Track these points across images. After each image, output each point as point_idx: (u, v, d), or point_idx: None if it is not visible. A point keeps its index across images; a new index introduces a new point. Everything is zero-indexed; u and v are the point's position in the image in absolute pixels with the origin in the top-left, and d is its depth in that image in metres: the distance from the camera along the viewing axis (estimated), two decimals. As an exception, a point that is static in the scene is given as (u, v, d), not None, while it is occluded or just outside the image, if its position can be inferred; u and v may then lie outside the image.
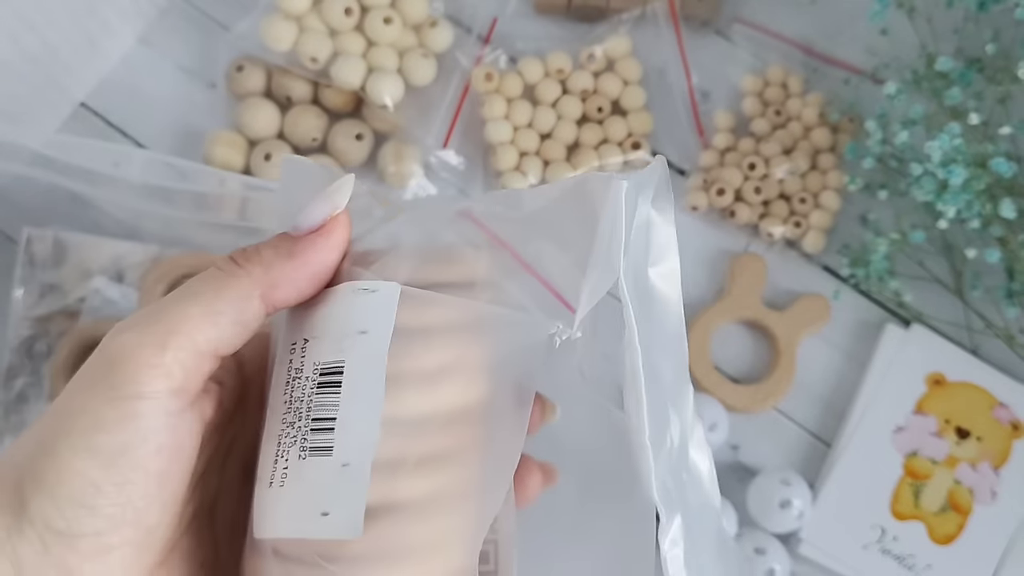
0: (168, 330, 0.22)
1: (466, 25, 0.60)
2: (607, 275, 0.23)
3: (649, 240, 0.24)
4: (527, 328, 0.23)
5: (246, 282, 0.23)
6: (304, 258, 0.24)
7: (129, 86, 0.59)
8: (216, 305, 0.23)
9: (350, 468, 0.22)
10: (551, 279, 0.24)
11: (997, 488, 0.53)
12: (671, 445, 0.24)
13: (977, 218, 0.51)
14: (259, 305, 0.23)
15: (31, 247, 0.53)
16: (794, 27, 0.61)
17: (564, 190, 0.23)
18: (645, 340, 0.24)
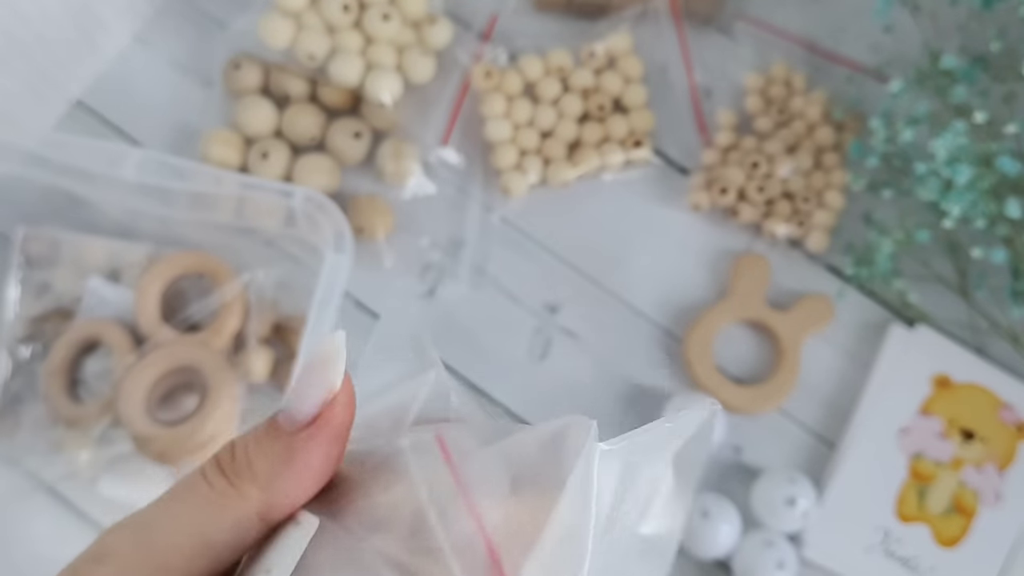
0: (158, 566, 0.19)
1: (466, 22, 0.60)
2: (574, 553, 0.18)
3: (650, 498, 0.21)
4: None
5: (243, 507, 0.20)
6: (304, 462, 0.20)
7: (125, 84, 0.59)
8: (211, 537, 0.19)
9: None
10: (494, 534, 0.19)
11: (1002, 490, 0.53)
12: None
13: (982, 217, 0.50)
14: (260, 527, 0.20)
15: (27, 246, 0.53)
16: (797, 24, 0.60)
17: (541, 437, 0.20)
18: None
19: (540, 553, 0.18)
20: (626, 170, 0.58)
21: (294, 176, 0.55)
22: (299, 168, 0.55)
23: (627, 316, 0.56)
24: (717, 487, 0.53)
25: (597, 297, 0.56)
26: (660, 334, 0.56)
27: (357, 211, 0.55)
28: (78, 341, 0.51)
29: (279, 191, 0.50)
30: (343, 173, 0.57)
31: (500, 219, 0.57)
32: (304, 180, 0.55)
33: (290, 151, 0.56)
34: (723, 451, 0.54)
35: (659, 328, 0.56)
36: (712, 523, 0.50)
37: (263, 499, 0.20)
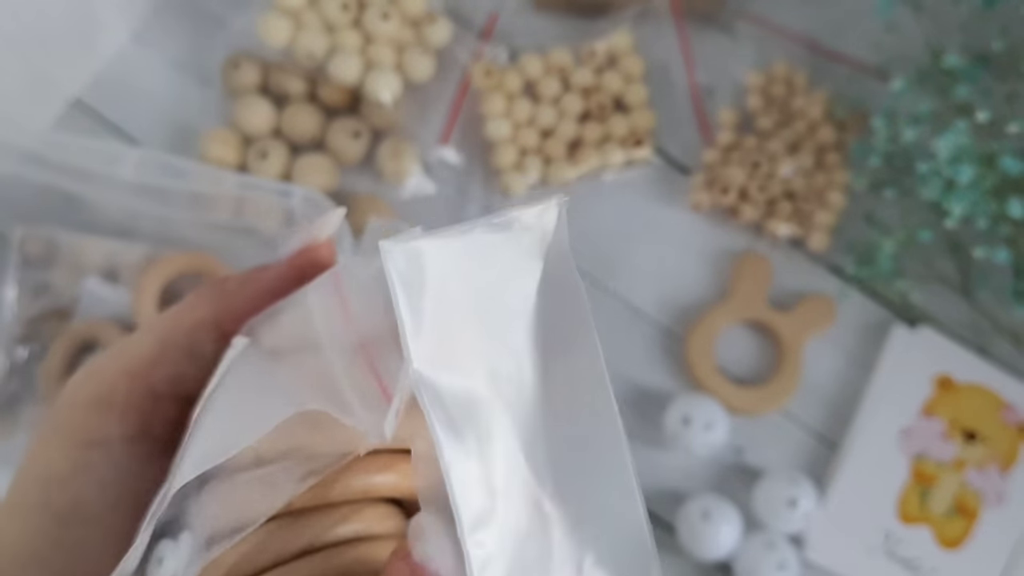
0: (123, 371, 0.21)
1: (466, 20, 0.60)
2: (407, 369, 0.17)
3: (522, 314, 0.19)
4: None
5: (201, 310, 0.22)
6: (266, 287, 0.22)
7: (124, 83, 0.58)
8: (171, 339, 0.21)
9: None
10: (381, 369, 0.19)
11: (1005, 491, 0.53)
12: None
13: (984, 217, 0.50)
14: (215, 336, 0.22)
15: (24, 246, 0.53)
16: (799, 23, 0.60)
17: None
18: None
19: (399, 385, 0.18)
20: (627, 170, 0.58)
21: (293, 176, 0.55)
22: (298, 168, 0.55)
23: (627, 316, 0.56)
24: (718, 488, 0.53)
25: (597, 297, 0.56)
26: (661, 334, 0.56)
27: (356, 211, 0.55)
28: (76, 341, 0.51)
29: (278, 191, 0.49)
30: (342, 173, 0.56)
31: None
32: (303, 180, 0.55)
33: (289, 150, 0.56)
34: (724, 452, 0.54)
35: (660, 328, 0.56)
36: (713, 524, 0.50)
37: (221, 305, 0.22)
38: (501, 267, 0.18)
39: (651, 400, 0.54)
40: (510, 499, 0.18)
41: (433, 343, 0.17)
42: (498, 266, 0.18)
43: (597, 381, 0.20)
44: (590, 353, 0.20)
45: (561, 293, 0.19)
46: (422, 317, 0.17)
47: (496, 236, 0.18)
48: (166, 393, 0.21)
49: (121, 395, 0.20)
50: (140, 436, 0.21)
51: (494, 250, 0.18)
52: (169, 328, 0.21)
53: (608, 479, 0.19)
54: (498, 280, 0.18)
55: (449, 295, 0.17)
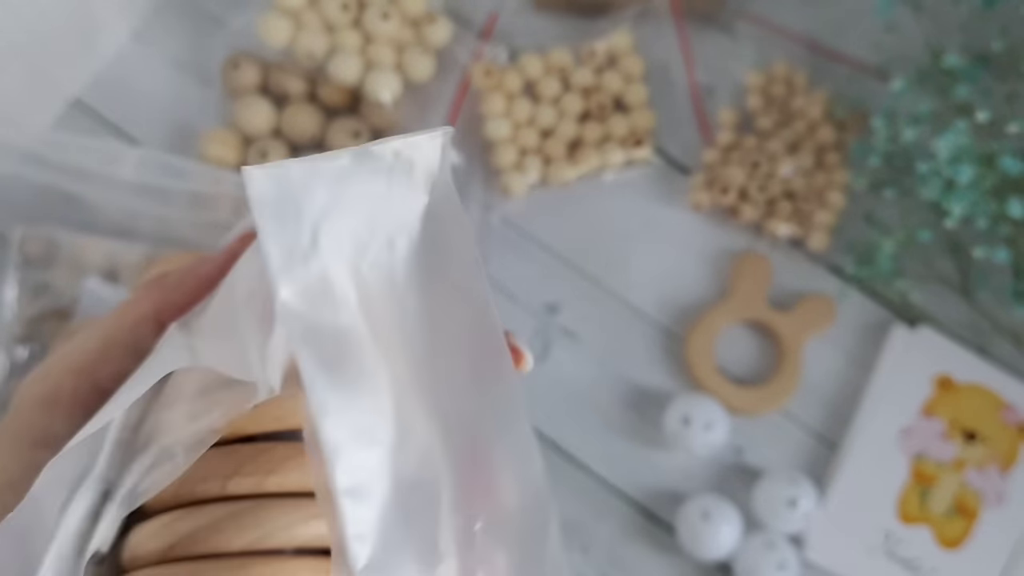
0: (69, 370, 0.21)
1: (465, 20, 0.60)
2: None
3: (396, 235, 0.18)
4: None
5: (142, 305, 0.22)
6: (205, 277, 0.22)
7: (123, 83, 0.58)
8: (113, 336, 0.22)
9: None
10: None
11: (1004, 491, 0.53)
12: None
13: (984, 217, 0.50)
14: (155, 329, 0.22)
15: (24, 246, 0.53)
16: (799, 23, 0.60)
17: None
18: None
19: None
20: (627, 169, 0.58)
21: (293, 175, 0.55)
22: (298, 167, 0.55)
23: (627, 316, 0.56)
24: (718, 488, 0.53)
25: (597, 297, 0.56)
26: (661, 334, 0.56)
27: (356, 211, 0.55)
28: (76, 341, 0.51)
29: (278, 191, 0.49)
30: (342, 172, 0.56)
31: (500, 219, 0.57)
32: (303, 179, 0.55)
33: (289, 150, 0.56)
34: (724, 452, 0.54)
35: (660, 328, 0.56)
36: (713, 524, 0.50)
37: (161, 299, 0.22)
38: (379, 197, 0.17)
39: (651, 400, 0.54)
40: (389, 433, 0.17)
41: (305, 275, 0.16)
42: (376, 196, 0.17)
43: (482, 313, 0.18)
44: (474, 284, 0.18)
45: (445, 226, 0.18)
46: (292, 247, 0.16)
47: (374, 166, 0.17)
48: (111, 389, 0.21)
49: (67, 393, 0.21)
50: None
51: (373, 181, 0.17)
52: (112, 326, 0.22)
53: (499, 414, 0.18)
54: (376, 211, 0.17)
55: (323, 223, 0.16)
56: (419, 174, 0.18)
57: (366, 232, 0.17)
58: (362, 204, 0.17)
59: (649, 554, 0.52)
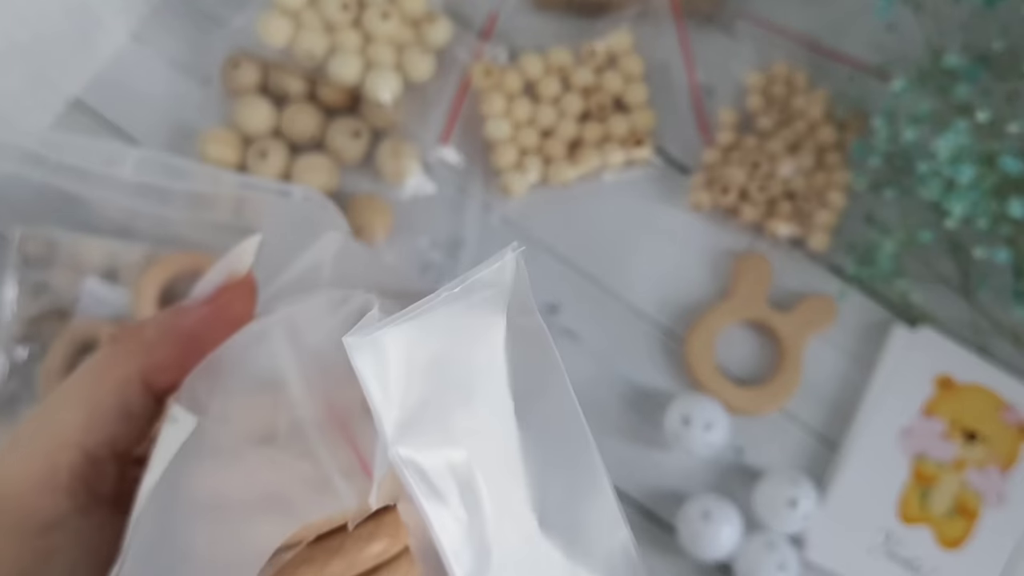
0: (56, 445, 0.20)
1: (465, 20, 0.60)
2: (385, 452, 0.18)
3: (500, 375, 0.19)
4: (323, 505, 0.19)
5: (124, 366, 0.20)
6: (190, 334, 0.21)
7: (123, 83, 0.58)
8: (97, 400, 0.20)
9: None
10: (357, 438, 0.20)
11: (1005, 491, 0.53)
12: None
13: (985, 217, 0.50)
14: (143, 392, 0.21)
15: (23, 246, 0.53)
16: (799, 22, 0.60)
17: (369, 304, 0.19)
18: (530, 513, 0.19)
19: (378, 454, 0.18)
20: (627, 169, 0.58)
21: (293, 175, 0.55)
22: (298, 167, 0.55)
23: (627, 316, 0.56)
24: (718, 488, 0.53)
25: (597, 297, 0.56)
26: (661, 334, 0.56)
27: (356, 210, 0.55)
28: (75, 341, 0.51)
29: (278, 191, 0.49)
30: (342, 172, 0.56)
31: (500, 219, 0.57)
32: (303, 179, 0.55)
33: (289, 150, 0.56)
34: (724, 452, 0.54)
35: (660, 328, 0.56)
36: (713, 524, 0.50)
37: (144, 360, 0.20)
38: (466, 331, 0.18)
39: (651, 400, 0.54)
40: (503, 543, 0.19)
41: (407, 420, 0.18)
42: (463, 330, 0.18)
43: (572, 418, 0.20)
44: (562, 393, 0.20)
45: (527, 340, 0.19)
46: (394, 399, 0.17)
47: (457, 305, 0.18)
48: (105, 456, 0.20)
49: (64, 471, 0.20)
50: (91, 504, 0.20)
51: (457, 317, 0.18)
52: (93, 391, 0.20)
53: (592, 505, 0.21)
54: (464, 343, 0.18)
55: (418, 372, 0.18)
56: (499, 296, 0.19)
57: (457, 364, 0.18)
58: (452, 341, 0.18)
59: (649, 554, 0.52)
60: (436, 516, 0.18)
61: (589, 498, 0.21)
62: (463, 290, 0.18)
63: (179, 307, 0.22)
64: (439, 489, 0.18)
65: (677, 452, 0.53)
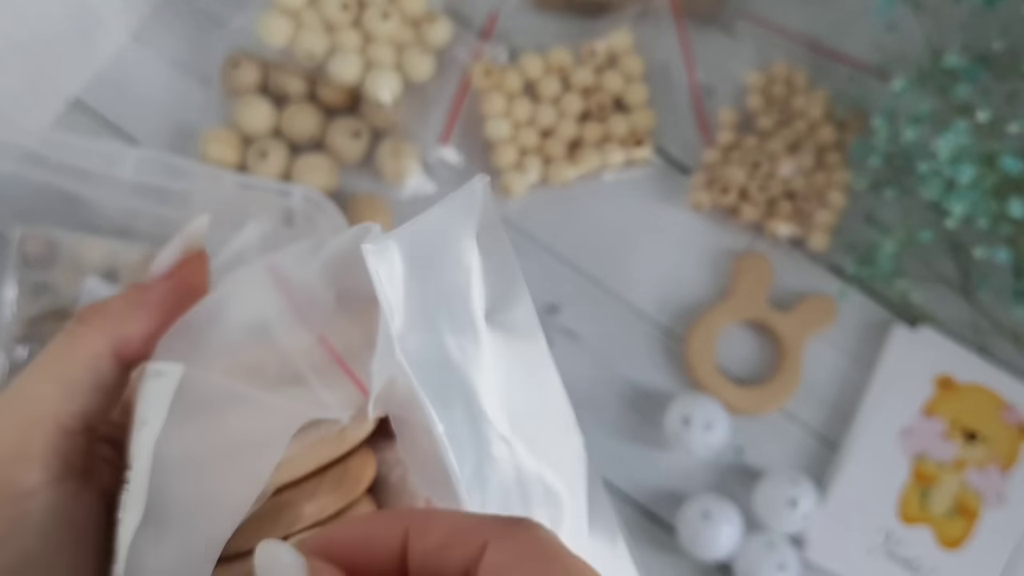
0: (31, 419, 0.21)
1: (465, 20, 0.60)
2: (388, 363, 0.20)
3: (471, 287, 0.21)
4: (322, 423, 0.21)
5: (94, 341, 0.22)
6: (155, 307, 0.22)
7: (123, 83, 0.58)
8: (70, 375, 0.21)
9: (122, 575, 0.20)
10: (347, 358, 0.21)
11: (1005, 491, 0.53)
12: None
13: (985, 217, 0.50)
14: (114, 364, 0.22)
15: (24, 246, 0.53)
16: (799, 22, 0.60)
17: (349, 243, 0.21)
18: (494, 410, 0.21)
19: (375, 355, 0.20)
20: (627, 169, 0.58)
21: (293, 175, 0.55)
22: (298, 167, 0.55)
23: (627, 316, 0.56)
24: (719, 488, 0.53)
25: (597, 297, 0.56)
26: (661, 334, 0.56)
27: (356, 210, 0.55)
28: (75, 341, 0.51)
29: (278, 190, 0.49)
30: (342, 172, 0.56)
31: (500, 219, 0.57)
32: (303, 179, 0.55)
33: (289, 150, 0.56)
34: (724, 452, 0.54)
35: (660, 328, 0.56)
36: (713, 524, 0.50)
37: (114, 333, 0.22)
38: (447, 245, 0.21)
39: (651, 400, 0.54)
40: (487, 443, 0.21)
41: (408, 323, 0.20)
42: (445, 244, 0.21)
43: (531, 325, 0.23)
44: (523, 301, 0.22)
45: (494, 255, 0.22)
46: (399, 303, 0.19)
47: (440, 221, 0.21)
48: (77, 428, 0.21)
49: (38, 444, 0.21)
50: (64, 475, 0.21)
51: (440, 233, 0.21)
52: (66, 366, 0.21)
53: (549, 409, 0.23)
54: (446, 256, 0.21)
55: (414, 280, 0.20)
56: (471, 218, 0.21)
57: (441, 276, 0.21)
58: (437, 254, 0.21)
59: (649, 554, 0.52)
60: (436, 412, 0.19)
61: (546, 402, 0.23)
62: (441, 207, 0.21)
63: (141, 283, 0.23)
64: (437, 387, 0.20)
65: (677, 452, 0.53)
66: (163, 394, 0.21)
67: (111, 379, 0.22)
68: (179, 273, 0.23)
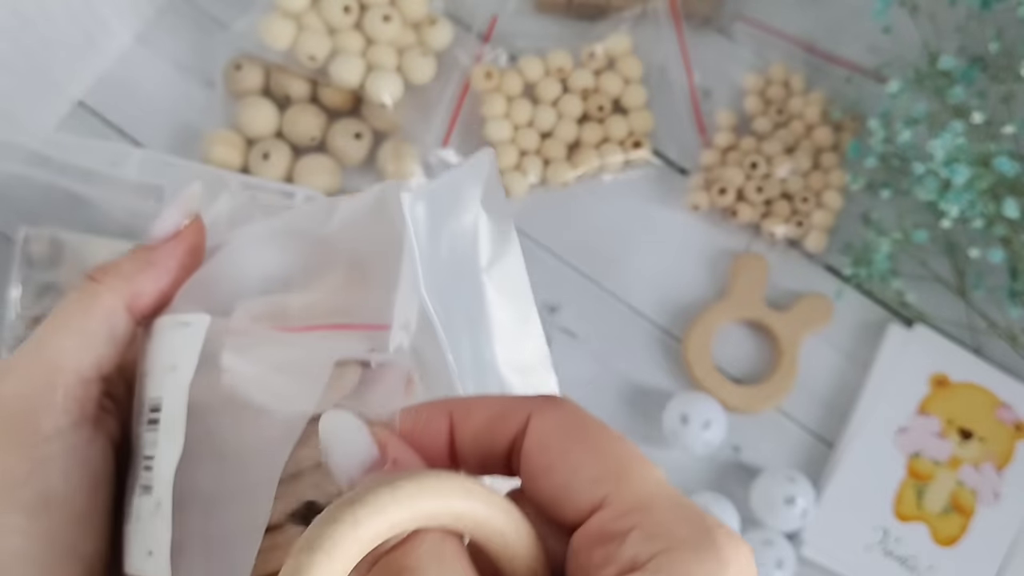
0: (52, 368, 0.23)
1: (466, 23, 0.60)
2: (412, 299, 0.22)
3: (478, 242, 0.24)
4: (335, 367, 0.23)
5: (109, 297, 0.24)
6: (163, 265, 0.24)
7: (127, 85, 0.59)
8: (87, 328, 0.23)
9: (161, 507, 0.22)
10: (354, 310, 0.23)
11: (1000, 489, 0.53)
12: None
13: (980, 218, 0.50)
14: (127, 318, 0.24)
15: (28, 247, 0.53)
16: (796, 25, 0.61)
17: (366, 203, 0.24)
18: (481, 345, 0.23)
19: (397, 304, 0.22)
20: (625, 170, 0.58)
21: (295, 177, 0.55)
22: (300, 169, 0.55)
23: (627, 316, 0.56)
24: (716, 486, 0.54)
25: (597, 297, 0.56)
26: (659, 334, 0.56)
27: (358, 211, 0.55)
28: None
29: (280, 192, 0.50)
30: (344, 174, 0.57)
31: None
32: (305, 181, 0.55)
33: (291, 152, 0.56)
34: (722, 450, 0.54)
35: (658, 328, 0.56)
36: (711, 522, 0.50)
37: (127, 290, 0.24)
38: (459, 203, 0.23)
39: (649, 399, 0.55)
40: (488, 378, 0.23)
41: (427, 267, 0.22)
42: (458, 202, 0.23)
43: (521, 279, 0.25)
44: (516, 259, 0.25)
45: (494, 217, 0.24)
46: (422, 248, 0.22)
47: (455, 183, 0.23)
48: (93, 377, 0.23)
49: (59, 392, 0.22)
50: (81, 421, 0.23)
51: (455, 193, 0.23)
52: (84, 320, 0.23)
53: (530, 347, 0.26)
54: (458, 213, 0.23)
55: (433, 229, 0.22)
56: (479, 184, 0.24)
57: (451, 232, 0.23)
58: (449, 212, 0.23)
59: (648, 552, 0.52)
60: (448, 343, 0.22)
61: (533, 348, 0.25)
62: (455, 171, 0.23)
63: (146, 245, 0.25)
64: (448, 323, 0.22)
65: (675, 450, 0.53)
66: (191, 341, 0.23)
67: (124, 332, 0.24)
68: (180, 235, 0.25)
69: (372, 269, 0.24)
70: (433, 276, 0.22)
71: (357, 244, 0.24)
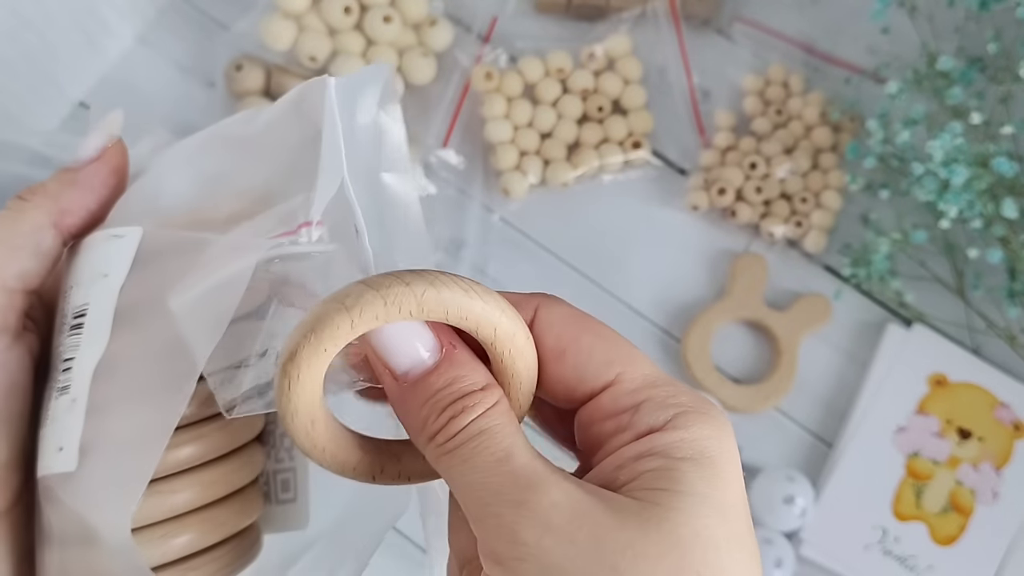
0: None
1: (466, 24, 0.60)
2: (333, 178, 0.23)
3: (381, 144, 0.26)
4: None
5: (36, 214, 0.25)
6: (87, 184, 0.26)
7: (128, 85, 0.59)
8: (14, 240, 0.24)
9: (76, 404, 0.23)
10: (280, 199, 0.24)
11: (999, 489, 0.53)
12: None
13: (979, 218, 0.50)
14: (54, 234, 0.25)
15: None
16: (795, 26, 0.61)
17: (289, 102, 0.25)
18: (381, 243, 0.24)
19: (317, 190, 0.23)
20: (625, 171, 0.58)
21: (295, 177, 0.56)
22: (300, 169, 0.55)
23: (626, 316, 0.56)
24: (715, 486, 0.54)
25: (597, 297, 0.56)
26: (659, 334, 0.56)
27: (358, 211, 0.55)
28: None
29: (281, 191, 0.50)
30: (344, 174, 0.57)
31: (500, 219, 0.57)
32: (305, 181, 0.55)
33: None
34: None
35: (658, 328, 0.56)
36: (710, 521, 0.50)
37: (53, 207, 0.25)
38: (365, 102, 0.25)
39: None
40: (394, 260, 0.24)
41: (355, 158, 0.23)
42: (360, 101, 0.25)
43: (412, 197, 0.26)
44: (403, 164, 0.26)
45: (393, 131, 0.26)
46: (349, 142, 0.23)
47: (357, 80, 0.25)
48: (15, 287, 0.24)
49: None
50: (4, 334, 0.24)
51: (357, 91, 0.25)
52: (9, 234, 0.25)
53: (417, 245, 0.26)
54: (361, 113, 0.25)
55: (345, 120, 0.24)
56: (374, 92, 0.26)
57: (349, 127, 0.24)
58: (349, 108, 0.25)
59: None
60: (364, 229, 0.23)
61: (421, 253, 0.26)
62: (355, 74, 0.25)
63: (71, 166, 0.26)
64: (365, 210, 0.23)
65: (675, 450, 0.53)
66: (123, 252, 0.24)
67: (49, 248, 0.25)
68: (104, 156, 0.27)
69: (296, 165, 0.24)
70: (350, 163, 0.23)
71: (282, 142, 0.25)
